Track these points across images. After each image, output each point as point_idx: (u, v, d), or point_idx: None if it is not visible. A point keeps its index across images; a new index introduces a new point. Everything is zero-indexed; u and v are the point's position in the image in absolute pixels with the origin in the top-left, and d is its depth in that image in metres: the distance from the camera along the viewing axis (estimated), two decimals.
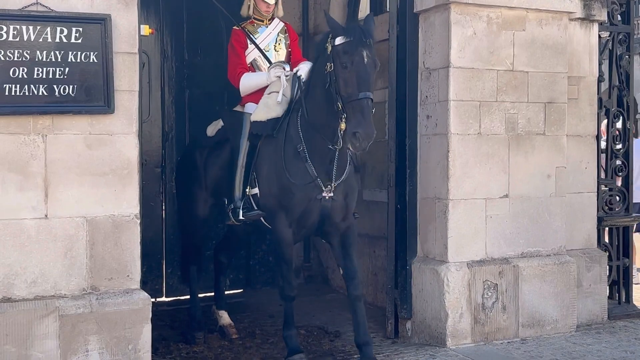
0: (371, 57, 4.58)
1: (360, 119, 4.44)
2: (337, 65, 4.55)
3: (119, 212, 4.51)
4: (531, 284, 5.63)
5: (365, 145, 4.46)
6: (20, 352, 4.23)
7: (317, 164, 4.85)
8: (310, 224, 5.00)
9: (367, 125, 4.44)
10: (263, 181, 5.04)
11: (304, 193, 4.86)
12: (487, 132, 5.53)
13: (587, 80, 6.20)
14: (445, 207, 5.42)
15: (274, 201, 4.97)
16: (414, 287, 5.61)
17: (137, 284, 4.57)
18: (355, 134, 4.45)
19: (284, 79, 5.21)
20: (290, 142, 4.93)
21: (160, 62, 7.01)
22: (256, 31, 5.58)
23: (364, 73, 4.52)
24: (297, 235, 5.10)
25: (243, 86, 5.45)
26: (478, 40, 5.47)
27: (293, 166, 4.88)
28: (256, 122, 5.14)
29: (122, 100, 4.49)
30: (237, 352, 5.38)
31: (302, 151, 4.86)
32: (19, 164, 4.30)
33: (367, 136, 4.44)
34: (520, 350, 5.34)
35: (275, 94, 5.17)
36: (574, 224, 6.07)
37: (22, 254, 4.31)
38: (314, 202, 4.88)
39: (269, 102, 5.17)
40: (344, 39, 4.56)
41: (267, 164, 5.04)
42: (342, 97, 4.52)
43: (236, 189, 5.14)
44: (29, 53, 4.26)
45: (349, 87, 4.50)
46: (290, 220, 4.96)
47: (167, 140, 7.04)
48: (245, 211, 5.08)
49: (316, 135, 4.83)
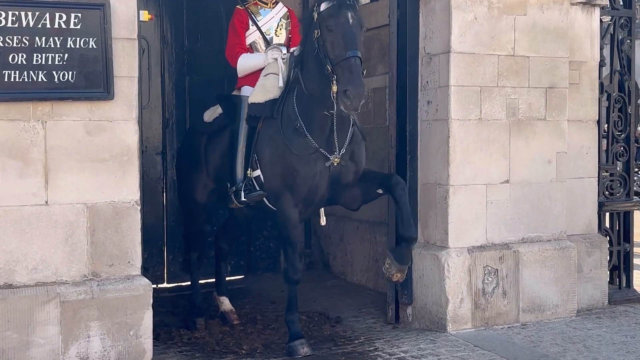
0: (356, 18, 4.60)
1: (349, 77, 4.45)
2: (324, 30, 4.59)
3: (120, 198, 4.52)
4: (532, 269, 5.64)
5: (356, 103, 4.45)
6: (22, 338, 4.24)
7: (316, 135, 4.86)
8: (318, 198, 5.00)
9: (357, 83, 4.43)
10: (265, 163, 5.04)
11: (308, 168, 4.87)
12: (488, 117, 5.51)
13: (589, 65, 6.17)
14: (445, 193, 5.42)
15: (278, 182, 4.96)
16: (415, 272, 5.62)
17: (138, 270, 4.58)
18: (345, 92, 4.44)
19: (281, 61, 5.20)
20: (288, 121, 4.94)
21: (160, 48, 6.98)
22: (259, 13, 5.57)
23: (350, 33, 4.54)
24: (304, 214, 5.10)
25: (240, 66, 5.44)
26: (479, 25, 5.44)
27: (294, 143, 4.88)
28: (254, 104, 5.13)
29: (121, 86, 4.48)
30: (238, 338, 5.40)
31: (299, 127, 4.87)
32: (19, 151, 4.30)
33: (357, 94, 4.42)
34: (521, 335, 5.35)
35: (273, 75, 5.17)
36: (574, 209, 6.06)
37: (22, 240, 4.31)
38: (322, 174, 4.89)
39: (266, 84, 5.16)
40: (328, 4, 4.61)
41: (268, 146, 5.04)
42: (330, 60, 4.55)
43: (237, 172, 5.14)
44: (28, 39, 4.25)
45: (336, 48, 4.54)
46: (297, 200, 4.95)
47: (167, 127, 7.03)
48: (247, 192, 5.08)
49: (313, 107, 4.83)
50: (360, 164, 5.07)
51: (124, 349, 4.46)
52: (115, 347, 4.44)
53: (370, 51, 6.51)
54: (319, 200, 5.03)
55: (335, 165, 4.89)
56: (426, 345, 5.13)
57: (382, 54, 6.30)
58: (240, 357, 4.96)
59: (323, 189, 4.95)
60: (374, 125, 6.59)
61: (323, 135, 4.87)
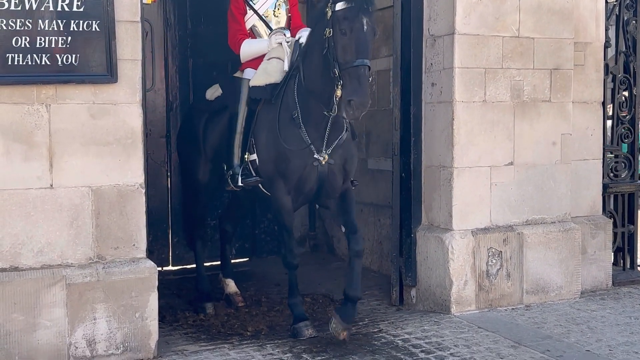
0: (370, 25, 4.52)
1: (356, 87, 4.40)
2: (336, 31, 4.50)
3: (124, 181, 4.52)
4: (536, 251, 5.64)
5: (358, 114, 4.42)
6: (28, 320, 4.27)
7: (311, 130, 4.84)
8: (308, 190, 4.99)
9: (363, 94, 4.40)
10: (261, 148, 5.03)
11: (299, 159, 4.86)
12: (492, 99, 5.50)
13: (594, 46, 6.14)
14: (449, 175, 5.41)
15: (272, 168, 4.97)
16: (419, 255, 5.63)
17: (143, 253, 4.60)
18: (350, 102, 4.41)
19: (285, 45, 5.18)
20: (286, 108, 4.92)
21: (164, 31, 6.97)
22: None
23: (363, 40, 4.46)
24: (296, 202, 5.09)
25: (243, 52, 5.42)
26: (483, 6, 5.41)
27: (287, 132, 4.87)
28: (255, 87, 5.12)
29: (125, 69, 4.47)
30: (243, 320, 5.43)
31: (296, 117, 4.85)
32: (23, 134, 4.30)
33: (361, 104, 4.40)
34: (525, 316, 5.37)
35: (276, 59, 5.14)
36: (579, 191, 6.06)
37: (28, 223, 4.33)
38: (310, 168, 4.88)
39: (268, 68, 5.14)
40: (344, 5, 4.50)
41: (265, 130, 5.03)
42: (339, 64, 4.48)
43: (235, 155, 5.14)
44: (31, 22, 4.24)
45: (346, 53, 4.46)
46: (289, 187, 4.95)
47: (171, 110, 7.03)
48: (244, 177, 5.08)
49: (312, 101, 4.80)
50: (350, 172, 5.04)
51: (130, 331, 4.49)
52: (121, 329, 4.47)
53: None
54: (308, 192, 5.01)
55: (322, 164, 4.86)
56: (430, 326, 5.15)
57: (386, 35, 6.27)
58: (245, 339, 4.99)
59: (312, 181, 4.93)
60: (377, 107, 6.57)
61: (317, 132, 4.84)
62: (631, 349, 4.71)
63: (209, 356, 4.66)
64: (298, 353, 4.68)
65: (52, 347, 4.32)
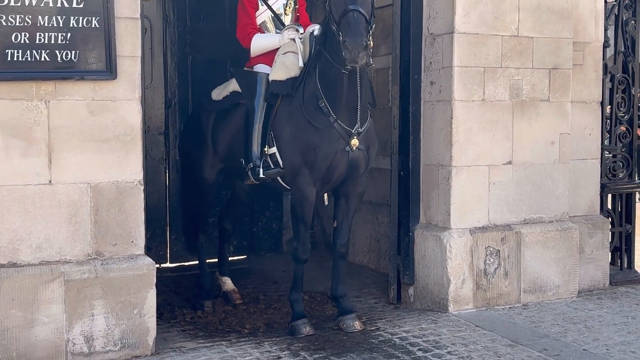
0: None
1: (347, 29, 4.49)
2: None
3: (123, 178, 4.52)
4: (533, 250, 5.65)
5: (355, 55, 4.47)
6: (26, 317, 4.27)
7: (340, 116, 4.87)
8: (336, 177, 5.01)
9: (355, 34, 4.46)
10: (284, 141, 5.02)
11: (329, 146, 4.88)
12: (491, 98, 5.51)
13: (593, 45, 6.15)
14: (448, 174, 5.42)
15: (298, 159, 4.95)
16: (417, 253, 5.64)
17: (142, 250, 4.60)
18: (344, 44, 4.47)
19: (299, 41, 5.17)
20: (310, 99, 4.93)
21: (163, 28, 6.96)
22: None
23: None
24: (320, 192, 5.12)
25: (254, 47, 5.37)
26: (483, 5, 5.42)
27: (317, 121, 4.88)
28: (275, 81, 5.11)
29: (124, 66, 4.47)
30: (240, 317, 5.43)
31: (324, 106, 4.87)
32: (22, 130, 4.30)
33: (355, 44, 4.45)
34: (522, 315, 5.38)
35: (292, 54, 5.15)
36: (577, 191, 6.07)
37: (26, 219, 4.33)
38: (342, 155, 4.91)
39: (287, 62, 5.14)
40: None
41: (287, 123, 5.02)
42: (335, 21, 4.60)
43: (254, 149, 5.14)
44: (30, 18, 4.24)
45: (339, 6, 4.58)
46: (315, 178, 4.95)
47: (169, 107, 7.02)
48: (265, 170, 5.09)
49: (337, 86, 4.82)
50: (372, 159, 5.15)
51: (128, 328, 4.49)
52: (119, 326, 4.47)
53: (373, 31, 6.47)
54: (336, 180, 5.04)
55: (353, 150, 4.91)
56: (428, 325, 5.16)
57: (385, 34, 6.27)
58: (242, 336, 5.00)
59: (342, 168, 4.96)
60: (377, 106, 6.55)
61: (346, 119, 4.89)
62: (628, 349, 4.73)
63: (207, 353, 4.66)
64: (296, 350, 4.68)
65: (50, 344, 4.32)
